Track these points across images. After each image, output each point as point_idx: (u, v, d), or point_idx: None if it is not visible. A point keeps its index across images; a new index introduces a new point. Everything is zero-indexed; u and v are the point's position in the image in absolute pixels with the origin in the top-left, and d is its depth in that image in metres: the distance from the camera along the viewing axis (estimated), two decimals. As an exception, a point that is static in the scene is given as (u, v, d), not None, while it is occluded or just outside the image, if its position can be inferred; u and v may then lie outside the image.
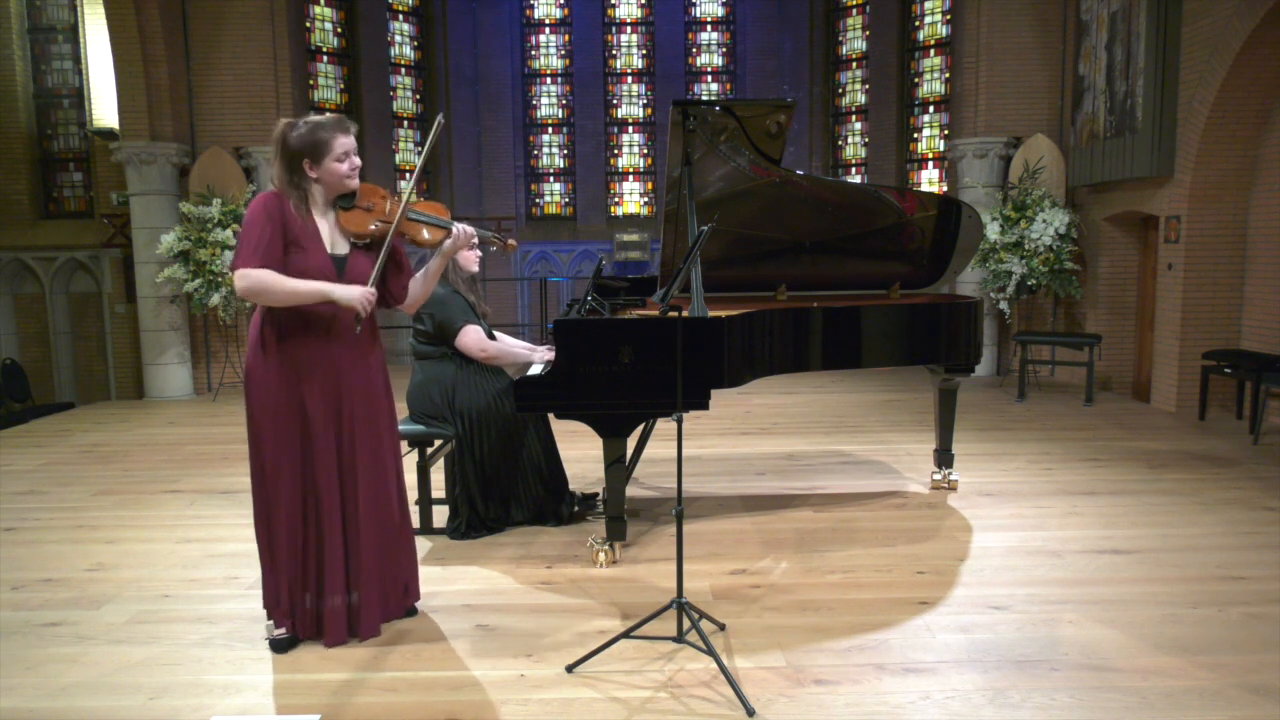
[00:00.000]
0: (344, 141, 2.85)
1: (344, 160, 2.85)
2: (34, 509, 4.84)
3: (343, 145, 2.84)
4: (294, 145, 2.82)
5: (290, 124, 2.85)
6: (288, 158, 2.83)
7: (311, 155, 2.82)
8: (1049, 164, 8.32)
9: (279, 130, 2.85)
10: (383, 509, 3.02)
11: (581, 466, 5.18)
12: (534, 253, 12.06)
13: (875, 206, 4.71)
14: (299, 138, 2.81)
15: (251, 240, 2.76)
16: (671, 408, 3.61)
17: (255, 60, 8.94)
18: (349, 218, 2.90)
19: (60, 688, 2.80)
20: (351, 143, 2.88)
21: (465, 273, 4.20)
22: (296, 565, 2.94)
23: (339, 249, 2.91)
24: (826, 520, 4.39)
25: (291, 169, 2.84)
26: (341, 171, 2.85)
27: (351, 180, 2.90)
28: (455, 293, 4.12)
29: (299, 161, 2.83)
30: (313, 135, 2.81)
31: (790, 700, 2.66)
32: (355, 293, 2.79)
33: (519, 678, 2.82)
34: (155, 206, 8.68)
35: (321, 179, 2.86)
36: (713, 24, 12.28)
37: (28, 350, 10.17)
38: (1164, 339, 7.17)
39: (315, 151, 2.82)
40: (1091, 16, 7.83)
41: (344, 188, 2.90)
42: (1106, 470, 5.27)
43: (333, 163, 2.84)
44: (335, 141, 2.83)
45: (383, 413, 3.04)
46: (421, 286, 3.13)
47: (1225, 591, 3.45)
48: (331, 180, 2.87)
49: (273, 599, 2.98)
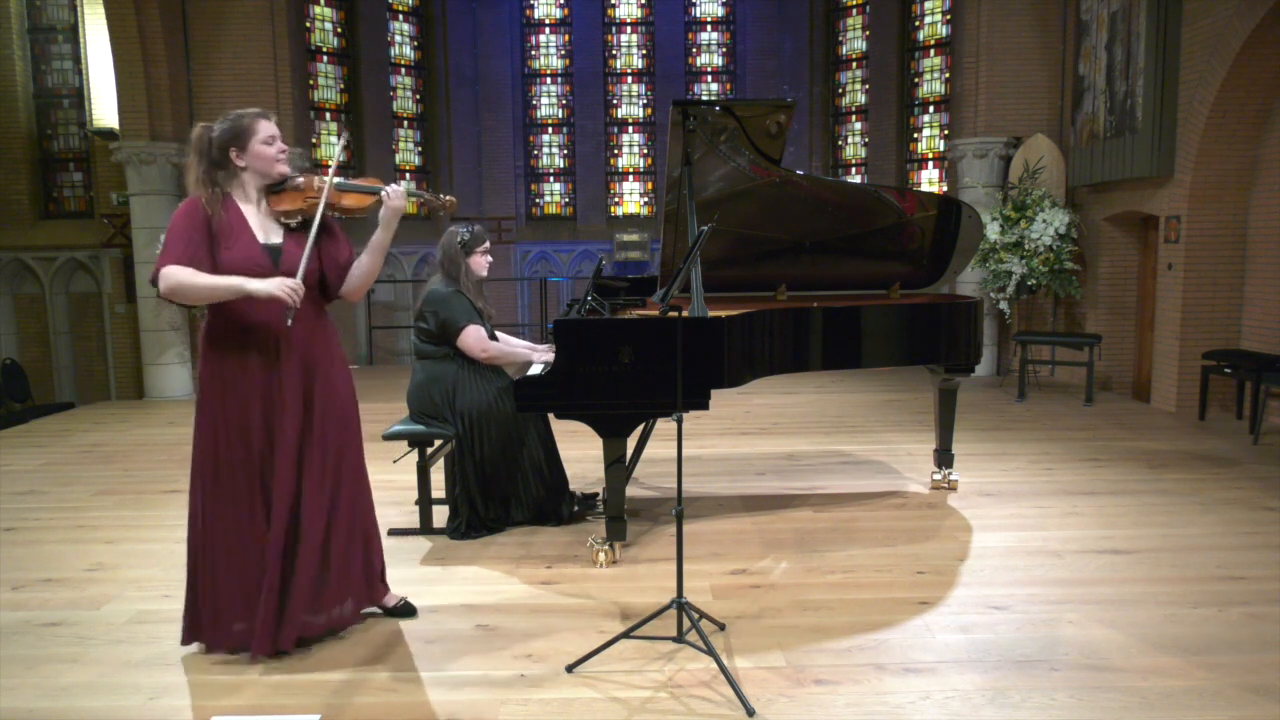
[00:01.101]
0: (267, 125, 2.85)
1: (270, 143, 2.84)
2: (34, 509, 4.84)
3: (266, 129, 2.84)
4: (218, 138, 2.82)
5: (207, 125, 2.85)
6: (213, 153, 2.82)
7: (237, 143, 2.82)
8: (1049, 164, 8.32)
9: (197, 132, 2.84)
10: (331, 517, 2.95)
11: (581, 466, 5.18)
12: (534, 253, 12.06)
13: (875, 206, 4.70)
14: (222, 130, 2.82)
15: (173, 239, 2.73)
16: (671, 408, 3.61)
17: (255, 60, 8.94)
18: (278, 199, 2.88)
19: (60, 688, 2.80)
20: (274, 128, 2.87)
21: (474, 276, 4.22)
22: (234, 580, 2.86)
23: (273, 238, 2.86)
24: (826, 520, 4.39)
25: (218, 163, 2.83)
26: (269, 154, 2.84)
27: (281, 165, 2.88)
28: (458, 293, 4.12)
29: (225, 153, 2.82)
30: (236, 124, 2.82)
31: (790, 700, 2.66)
32: (273, 283, 2.69)
33: (519, 678, 2.82)
34: (155, 206, 8.68)
35: (250, 165, 2.84)
36: (713, 24, 12.28)
37: (28, 350, 10.17)
38: (1164, 339, 7.17)
39: (240, 138, 2.82)
40: (1091, 16, 7.83)
41: (273, 173, 2.87)
42: (1106, 470, 5.27)
43: (259, 145, 2.83)
44: (258, 125, 2.83)
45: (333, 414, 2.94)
46: (367, 264, 2.97)
47: (1225, 591, 3.45)
48: (260, 165, 2.84)
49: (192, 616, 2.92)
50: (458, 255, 4.15)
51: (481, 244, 4.21)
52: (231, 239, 2.78)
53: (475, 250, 4.19)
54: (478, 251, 4.20)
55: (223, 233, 2.78)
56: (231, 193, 2.85)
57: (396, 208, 2.90)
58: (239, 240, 2.79)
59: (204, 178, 2.81)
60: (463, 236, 4.17)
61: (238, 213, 2.83)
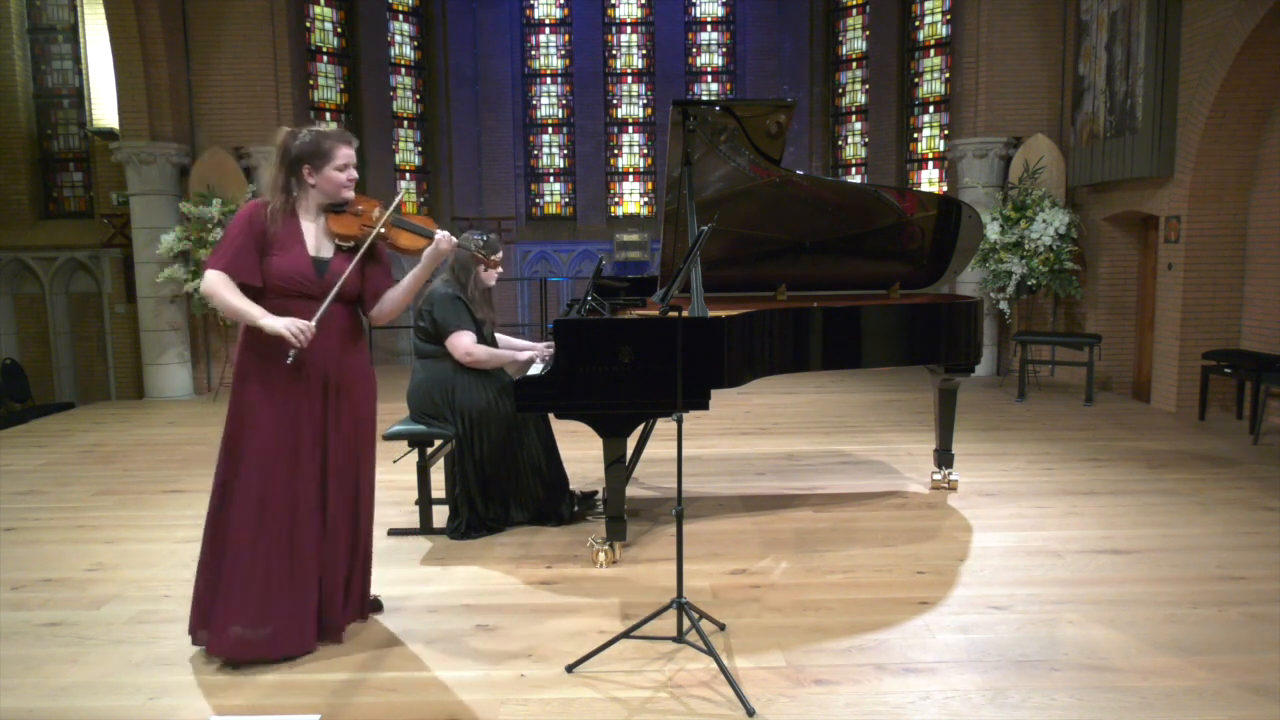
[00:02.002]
0: (346, 152, 2.92)
1: (343, 170, 2.92)
2: (34, 509, 4.84)
3: (344, 156, 2.92)
4: (296, 150, 2.88)
5: (293, 131, 2.92)
6: (289, 162, 2.89)
7: (313, 161, 2.89)
8: (1049, 164, 8.32)
9: (281, 136, 2.92)
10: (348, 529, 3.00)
11: (581, 466, 5.18)
12: (534, 253, 12.06)
13: (875, 206, 4.70)
14: (303, 143, 2.88)
15: (227, 243, 2.84)
16: (671, 408, 3.61)
17: (255, 60, 8.94)
18: (338, 220, 2.96)
19: (60, 688, 2.80)
20: (353, 155, 2.95)
21: (482, 285, 4.23)
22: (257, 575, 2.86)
23: (323, 252, 2.94)
24: (826, 520, 4.39)
25: (291, 173, 2.90)
26: (339, 180, 2.92)
27: (347, 191, 2.95)
28: (458, 298, 4.12)
29: (299, 166, 2.89)
30: (317, 142, 2.89)
31: (790, 700, 2.66)
32: (282, 322, 2.75)
33: (519, 678, 2.82)
34: (155, 206, 8.68)
35: (319, 185, 2.92)
36: (713, 24, 12.27)
37: (28, 350, 10.17)
38: (1164, 339, 7.17)
39: (317, 158, 2.89)
40: (1091, 16, 7.83)
41: (338, 197, 2.95)
42: (1106, 470, 5.27)
43: (332, 170, 2.90)
44: (337, 151, 2.90)
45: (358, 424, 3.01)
46: (400, 294, 3.07)
47: (1225, 591, 3.45)
48: (328, 188, 2.92)
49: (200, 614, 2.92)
50: (469, 263, 4.15)
51: (495, 253, 4.19)
52: (284, 247, 2.88)
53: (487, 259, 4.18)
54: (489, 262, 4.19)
55: (277, 240, 2.87)
56: (297, 201, 2.93)
57: (440, 253, 3.00)
58: (291, 250, 2.88)
59: (282, 185, 2.90)
60: (478, 244, 4.16)
61: (295, 222, 2.92)
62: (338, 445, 2.95)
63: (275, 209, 2.88)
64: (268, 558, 2.84)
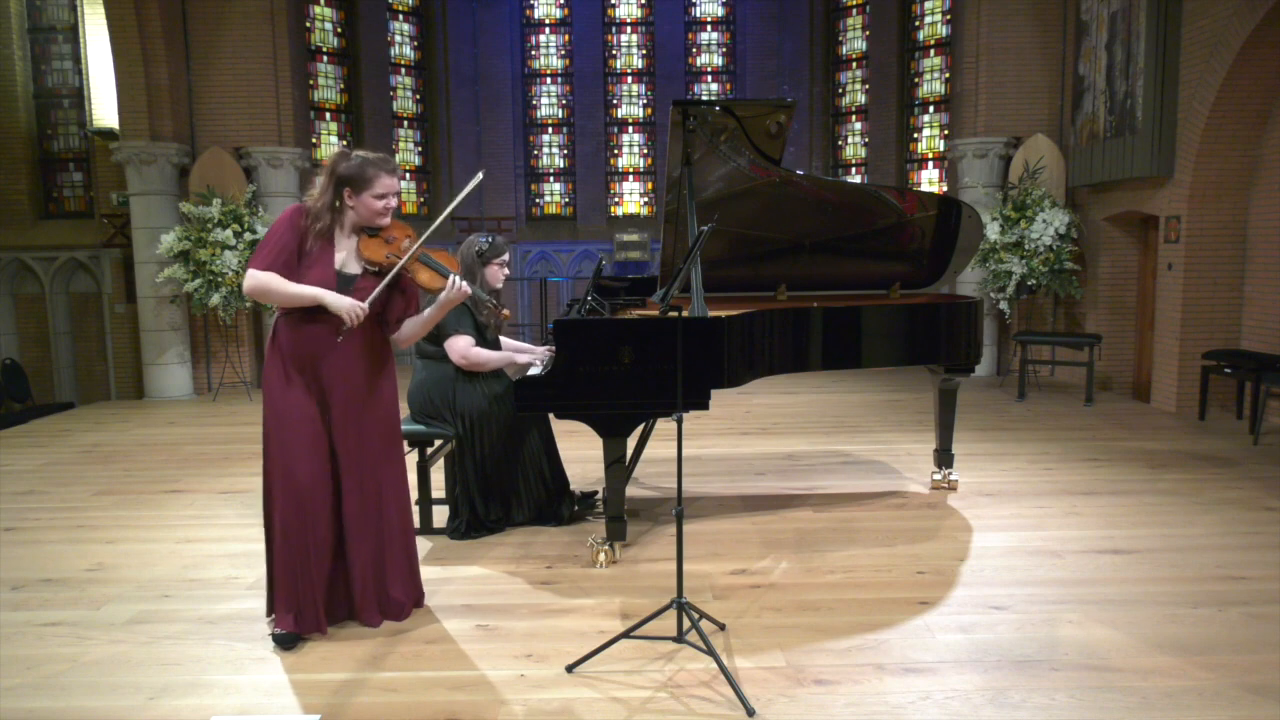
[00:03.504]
0: (388, 182, 3.02)
1: (381, 199, 3.02)
2: (34, 509, 4.84)
3: (385, 185, 3.02)
4: (342, 172, 3.00)
5: (344, 154, 3.03)
6: (334, 182, 3.00)
7: (354, 185, 3.00)
8: (1049, 164, 8.32)
9: (334, 156, 3.03)
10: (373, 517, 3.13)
11: (581, 466, 5.18)
12: (534, 253, 12.06)
13: (875, 206, 4.70)
14: (349, 166, 3.00)
15: (269, 244, 2.96)
16: (671, 408, 3.61)
17: (255, 60, 8.93)
18: (368, 244, 3.06)
19: (60, 688, 2.80)
20: (395, 185, 3.05)
21: (489, 286, 4.22)
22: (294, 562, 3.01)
23: (350, 269, 3.06)
24: (826, 520, 4.39)
25: (334, 193, 3.01)
26: (375, 208, 3.03)
27: (382, 219, 3.06)
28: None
29: (341, 188, 3.01)
30: (362, 169, 3.00)
31: (790, 700, 2.66)
32: (345, 302, 2.92)
33: (519, 678, 2.82)
34: (155, 206, 8.68)
35: (356, 209, 3.03)
36: (713, 24, 12.28)
37: (28, 350, 10.17)
38: (1164, 339, 7.17)
39: (359, 183, 3.00)
40: (1091, 16, 7.83)
41: (373, 223, 3.06)
42: (1106, 470, 5.27)
43: (370, 198, 3.01)
44: (379, 180, 3.01)
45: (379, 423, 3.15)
46: (413, 328, 3.23)
47: (1225, 591, 3.45)
48: (364, 213, 3.04)
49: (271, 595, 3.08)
50: (474, 264, 4.14)
51: (500, 255, 4.19)
52: (313, 260, 2.98)
53: (492, 261, 4.17)
54: (495, 263, 4.18)
55: (310, 251, 2.98)
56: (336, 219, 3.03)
57: (453, 299, 3.11)
58: (319, 263, 2.99)
59: (328, 203, 3.01)
60: (480, 246, 4.15)
61: (330, 237, 3.03)
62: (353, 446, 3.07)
63: (315, 220, 2.98)
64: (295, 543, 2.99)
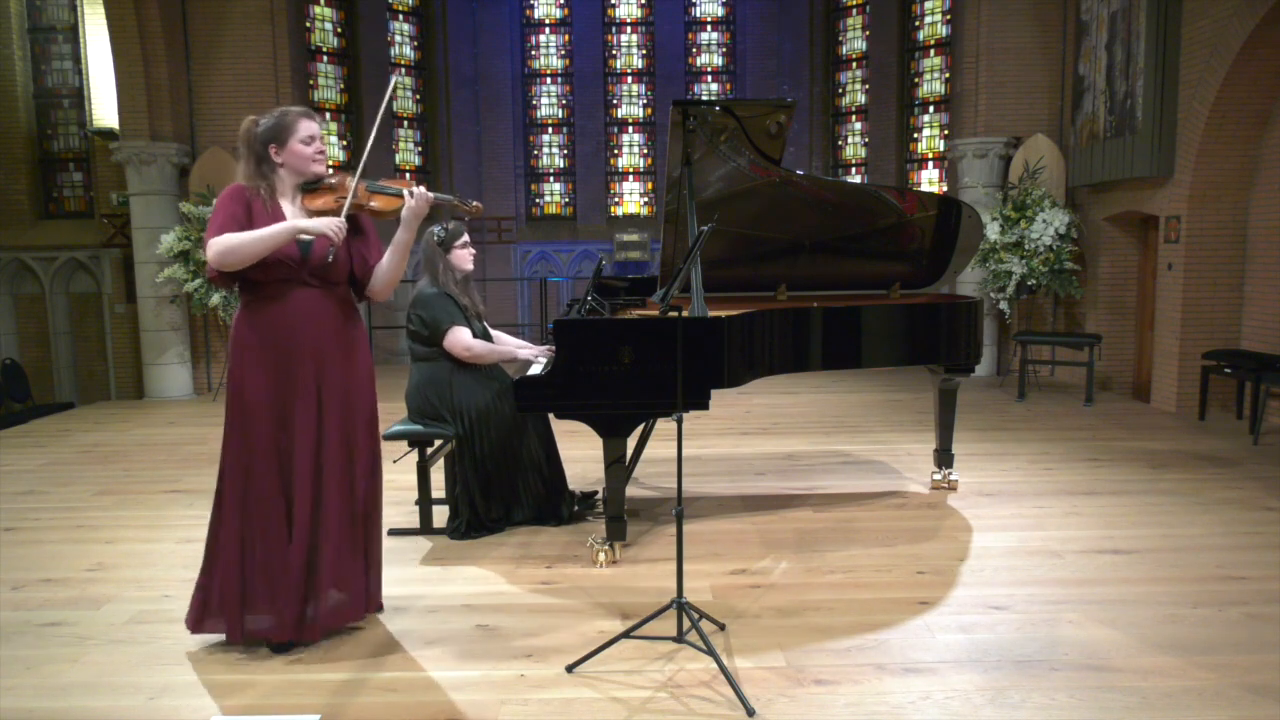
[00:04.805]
0: (308, 125, 2.95)
1: (309, 143, 2.94)
2: (34, 509, 4.84)
3: (307, 129, 2.94)
4: (261, 132, 2.92)
5: (255, 118, 2.96)
6: (256, 147, 2.93)
7: (277, 139, 2.92)
8: (1049, 164, 8.32)
9: (245, 126, 2.96)
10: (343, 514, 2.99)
11: (581, 466, 5.18)
12: (534, 253, 12.06)
13: (875, 206, 4.70)
14: (265, 125, 2.93)
15: (219, 216, 2.86)
16: (671, 408, 3.61)
17: (255, 60, 8.94)
18: (312, 198, 2.98)
19: (60, 688, 2.80)
20: (315, 128, 2.97)
21: (459, 273, 4.20)
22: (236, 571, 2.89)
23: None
24: (826, 520, 4.39)
25: (260, 158, 2.93)
26: (306, 153, 2.94)
27: (317, 165, 2.97)
28: (444, 294, 4.12)
29: (266, 148, 2.93)
30: (279, 121, 2.93)
31: (790, 700, 2.66)
32: (321, 221, 2.84)
33: (519, 678, 2.82)
34: (155, 206, 8.68)
35: (287, 163, 2.94)
36: (713, 24, 12.28)
37: (28, 350, 10.17)
38: (1164, 339, 7.17)
39: (280, 135, 2.92)
40: (1091, 16, 7.83)
41: (309, 172, 2.97)
42: (1106, 470, 5.27)
43: (297, 144, 2.93)
44: (299, 125, 2.93)
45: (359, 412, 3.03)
46: (390, 262, 3.05)
47: (1225, 591, 3.45)
48: (297, 163, 2.95)
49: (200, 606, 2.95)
50: (435, 254, 4.15)
51: (459, 238, 4.19)
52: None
53: (454, 245, 4.17)
54: (456, 246, 4.18)
55: (260, 223, 2.87)
56: (274, 186, 2.95)
57: (417, 209, 2.97)
58: None
59: (254, 173, 2.93)
60: (439, 235, 4.17)
61: (276, 206, 2.93)
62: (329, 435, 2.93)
63: (263, 194, 2.90)
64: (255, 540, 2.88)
